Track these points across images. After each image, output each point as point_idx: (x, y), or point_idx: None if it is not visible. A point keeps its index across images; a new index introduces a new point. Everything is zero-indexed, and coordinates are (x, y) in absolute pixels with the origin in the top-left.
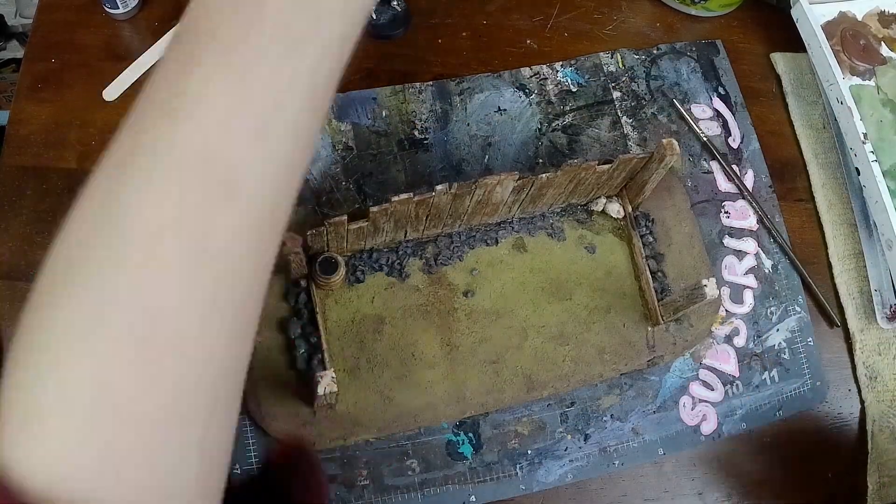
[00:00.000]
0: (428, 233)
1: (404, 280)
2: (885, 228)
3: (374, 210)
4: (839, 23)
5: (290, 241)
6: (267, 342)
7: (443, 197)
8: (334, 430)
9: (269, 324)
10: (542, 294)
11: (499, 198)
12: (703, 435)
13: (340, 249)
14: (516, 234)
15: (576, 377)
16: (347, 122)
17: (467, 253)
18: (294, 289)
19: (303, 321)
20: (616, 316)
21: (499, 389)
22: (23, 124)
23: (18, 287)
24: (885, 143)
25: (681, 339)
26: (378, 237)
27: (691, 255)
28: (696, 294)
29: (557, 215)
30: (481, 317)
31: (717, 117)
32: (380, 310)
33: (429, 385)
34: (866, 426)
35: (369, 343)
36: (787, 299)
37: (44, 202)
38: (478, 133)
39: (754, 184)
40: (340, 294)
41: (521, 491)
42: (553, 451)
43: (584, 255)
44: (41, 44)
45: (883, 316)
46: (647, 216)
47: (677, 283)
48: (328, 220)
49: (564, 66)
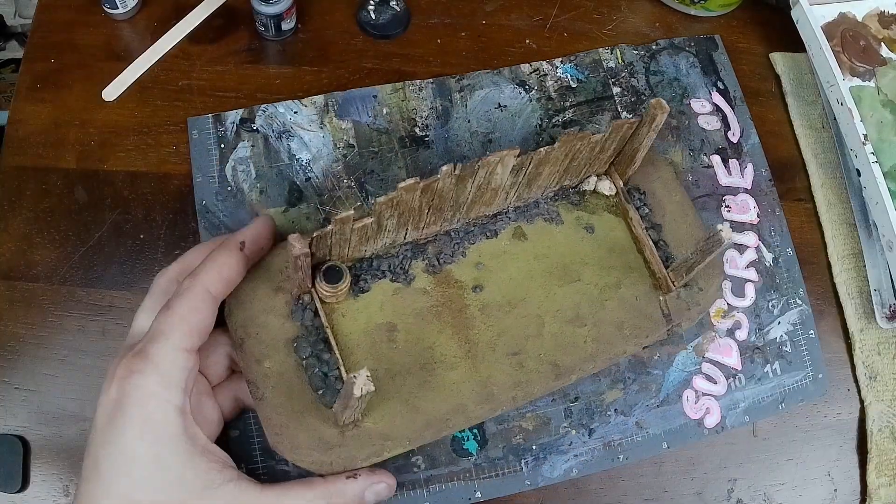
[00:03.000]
0: (427, 231)
1: (410, 283)
2: (885, 230)
3: (380, 201)
4: (839, 24)
5: (298, 241)
6: (277, 367)
7: (447, 180)
8: (364, 449)
9: (277, 347)
10: (551, 279)
11: (498, 180)
12: (706, 428)
13: (341, 257)
14: (514, 224)
15: (600, 357)
16: (348, 119)
17: (469, 248)
18: (298, 307)
19: (312, 339)
20: (627, 290)
21: (527, 381)
22: (22, 124)
23: (18, 287)
24: (886, 144)
25: (693, 303)
26: (380, 239)
27: (686, 222)
28: (713, 241)
29: (551, 200)
30: (494, 310)
31: (717, 112)
32: (390, 317)
33: (454, 386)
34: (866, 426)
35: (385, 352)
36: (788, 292)
37: (43, 202)
38: (478, 129)
39: (754, 178)
40: (347, 307)
41: (526, 486)
42: (558, 447)
43: (585, 235)
44: (40, 44)
45: (882, 316)
46: (637, 189)
47: (678, 251)
48: (335, 217)
49: (564, 62)
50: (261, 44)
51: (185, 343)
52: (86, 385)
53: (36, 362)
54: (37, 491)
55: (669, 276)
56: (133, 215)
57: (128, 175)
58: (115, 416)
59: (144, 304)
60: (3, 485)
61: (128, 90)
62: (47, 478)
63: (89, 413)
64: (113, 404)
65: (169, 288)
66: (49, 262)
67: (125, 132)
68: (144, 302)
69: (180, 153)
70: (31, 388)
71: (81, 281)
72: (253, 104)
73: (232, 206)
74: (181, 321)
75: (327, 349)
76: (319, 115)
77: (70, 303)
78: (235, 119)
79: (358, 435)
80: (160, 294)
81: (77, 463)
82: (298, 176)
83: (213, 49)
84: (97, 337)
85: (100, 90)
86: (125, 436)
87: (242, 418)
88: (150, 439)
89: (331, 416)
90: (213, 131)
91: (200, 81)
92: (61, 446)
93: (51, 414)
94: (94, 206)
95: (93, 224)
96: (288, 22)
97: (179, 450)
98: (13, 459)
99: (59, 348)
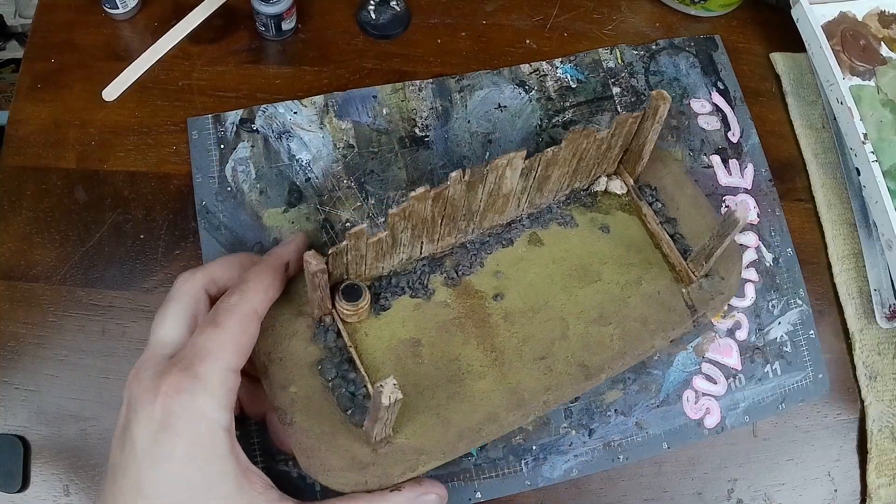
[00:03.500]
0: (443, 243)
1: (430, 297)
2: (885, 228)
3: (392, 213)
4: (839, 23)
5: (314, 257)
6: (304, 391)
7: (457, 187)
8: (399, 465)
9: (302, 371)
10: (571, 281)
11: (509, 185)
12: (706, 428)
13: (360, 275)
14: (529, 231)
15: (629, 354)
16: (348, 120)
17: (486, 258)
18: (321, 329)
19: (337, 360)
20: (648, 286)
21: (557, 384)
22: (22, 124)
23: (18, 287)
24: (886, 143)
25: (717, 292)
26: (396, 255)
27: (700, 213)
28: (728, 223)
29: (563, 205)
30: (518, 316)
31: (717, 112)
32: (413, 332)
33: (484, 396)
34: (866, 426)
35: (411, 368)
36: (788, 292)
37: (43, 202)
38: (478, 130)
39: (754, 178)
40: (369, 326)
41: (526, 486)
42: (558, 447)
43: (601, 235)
44: (40, 44)
45: (882, 316)
46: (648, 185)
47: (695, 242)
48: (349, 233)
49: (564, 62)
50: (261, 44)
51: (233, 363)
52: (86, 385)
53: (36, 362)
54: (37, 491)
55: (689, 267)
56: (133, 215)
57: (128, 175)
58: (163, 437)
59: (169, 310)
60: (3, 485)
61: (128, 90)
62: (47, 478)
63: (89, 413)
64: (158, 424)
65: (198, 297)
66: (49, 262)
67: (125, 132)
68: (169, 308)
69: (180, 153)
70: (31, 388)
71: (81, 281)
72: (253, 104)
73: (232, 207)
74: (232, 341)
75: (352, 369)
76: (319, 115)
77: (70, 303)
78: (235, 119)
79: (391, 451)
80: (189, 303)
81: (77, 463)
82: (298, 176)
83: (213, 49)
84: (97, 337)
85: (100, 90)
86: (174, 458)
87: (242, 419)
88: (200, 462)
89: (362, 435)
90: (212, 132)
91: (200, 81)
92: (61, 446)
93: (51, 414)
94: (94, 206)
95: (93, 224)
96: (288, 22)
97: (228, 471)
98: (13, 459)
99: (59, 348)
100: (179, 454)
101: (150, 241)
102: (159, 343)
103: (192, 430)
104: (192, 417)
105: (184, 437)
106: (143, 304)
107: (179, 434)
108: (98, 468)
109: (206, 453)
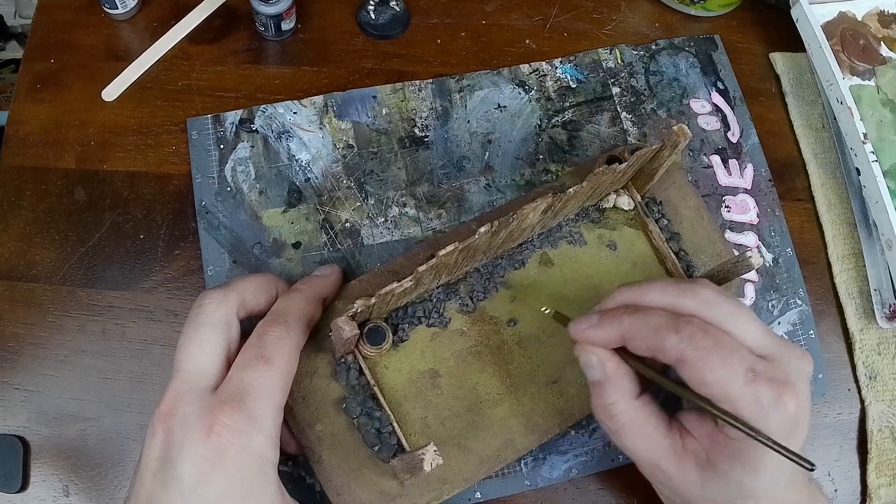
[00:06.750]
0: (458, 273)
1: (446, 326)
2: (885, 228)
3: (421, 270)
4: (839, 23)
5: (346, 324)
6: (330, 428)
7: (484, 238)
8: (425, 495)
9: (326, 409)
10: (583, 301)
11: (529, 223)
12: None
13: (380, 313)
14: (539, 251)
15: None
16: (348, 120)
17: (499, 281)
18: (342, 367)
19: (360, 398)
20: None
21: (568, 408)
22: (22, 124)
23: (18, 287)
24: (886, 143)
25: None
26: (416, 291)
27: (702, 226)
28: (741, 265)
29: (573, 222)
30: (532, 342)
31: (716, 112)
32: (431, 363)
33: (501, 422)
34: (866, 426)
35: (432, 399)
36: (787, 292)
37: (43, 202)
38: (478, 130)
39: (754, 178)
40: (389, 359)
41: (526, 487)
42: (558, 447)
43: (608, 253)
44: (40, 44)
45: (882, 316)
46: (654, 200)
47: (697, 257)
48: (378, 293)
49: (563, 62)
50: (260, 44)
51: (282, 401)
52: (85, 385)
53: (36, 362)
54: (37, 491)
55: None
56: (133, 215)
57: (127, 175)
58: (215, 476)
59: (205, 337)
60: (3, 485)
61: (127, 90)
62: (47, 478)
63: (89, 413)
64: (210, 463)
65: (231, 322)
66: (49, 263)
67: (125, 132)
68: (204, 335)
69: (180, 153)
70: (31, 388)
71: (81, 281)
72: (252, 104)
73: (231, 207)
74: (281, 379)
75: (377, 406)
76: (319, 115)
77: (70, 303)
78: (235, 119)
79: (417, 483)
80: (223, 329)
81: (77, 463)
82: (298, 176)
83: (212, 49)
84: (97, 337)
85: (100, 90)
86: (226, 497)
87: None
88: (251, 502)
89: (388, 469)
90: (212, 132)
91: (200, 82)
92: (61, 446)
93: (51, 414)
94: (93, 207)
95: (92, 224)
96: (288, 22)
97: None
98: (13, 459)
99: (58, 348)
100: (231, 494)
101: (150, 242)
102: (196, 374)
103: (245, 469)
104: (248, 460)
105: (237, 476)
106: (142, 305)
107: (232, 473)
108: (98, 468)
109: (255, 492)
